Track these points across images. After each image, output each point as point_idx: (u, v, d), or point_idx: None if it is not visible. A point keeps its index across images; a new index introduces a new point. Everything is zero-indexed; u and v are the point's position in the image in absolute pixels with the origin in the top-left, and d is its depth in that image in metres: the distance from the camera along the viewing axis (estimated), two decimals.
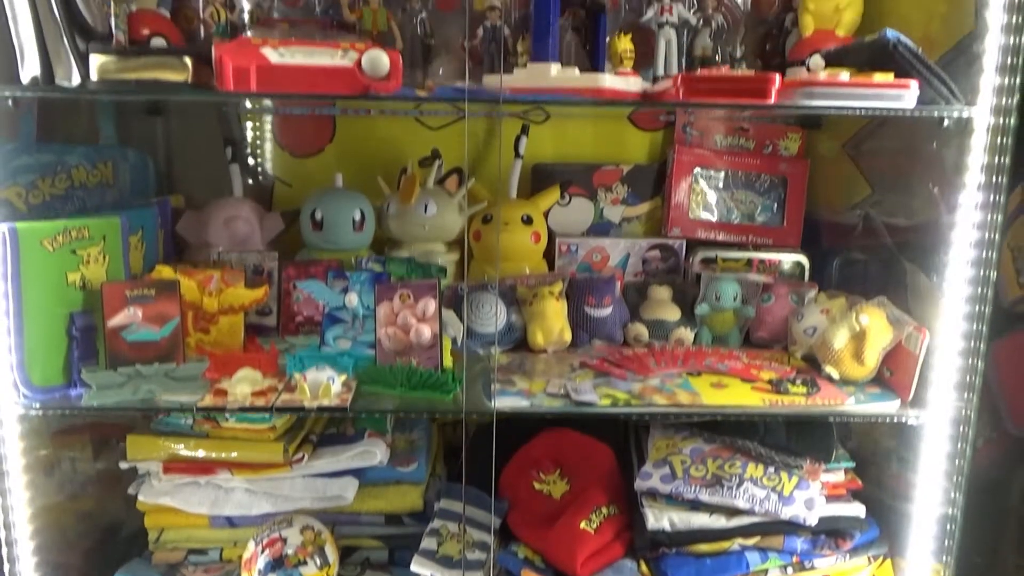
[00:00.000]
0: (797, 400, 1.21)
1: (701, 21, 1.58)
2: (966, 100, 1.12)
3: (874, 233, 1.51)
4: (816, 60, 1.17)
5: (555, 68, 1.33)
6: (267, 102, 1.65)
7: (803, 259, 1.61)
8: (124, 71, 1.13)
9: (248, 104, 1.65)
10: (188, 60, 1.14)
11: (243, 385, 1.18)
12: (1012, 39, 1.09)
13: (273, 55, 1.15)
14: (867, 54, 1.19)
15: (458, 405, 1.19)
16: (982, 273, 1.13)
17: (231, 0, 1.47)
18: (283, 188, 1.70)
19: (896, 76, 1.12)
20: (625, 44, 1.39)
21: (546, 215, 1.63)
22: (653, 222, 1.70)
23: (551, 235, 1.63)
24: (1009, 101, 1.10)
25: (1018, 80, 1.09)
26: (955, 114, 1.12)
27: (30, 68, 1.12)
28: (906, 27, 1.22)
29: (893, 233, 1.46)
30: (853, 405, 1.21)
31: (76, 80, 1.12)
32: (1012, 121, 1.10)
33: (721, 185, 1.68)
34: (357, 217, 1.52)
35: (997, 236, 1.11)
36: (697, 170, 1.66)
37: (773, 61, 1.61)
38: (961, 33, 1.22)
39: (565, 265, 1.64)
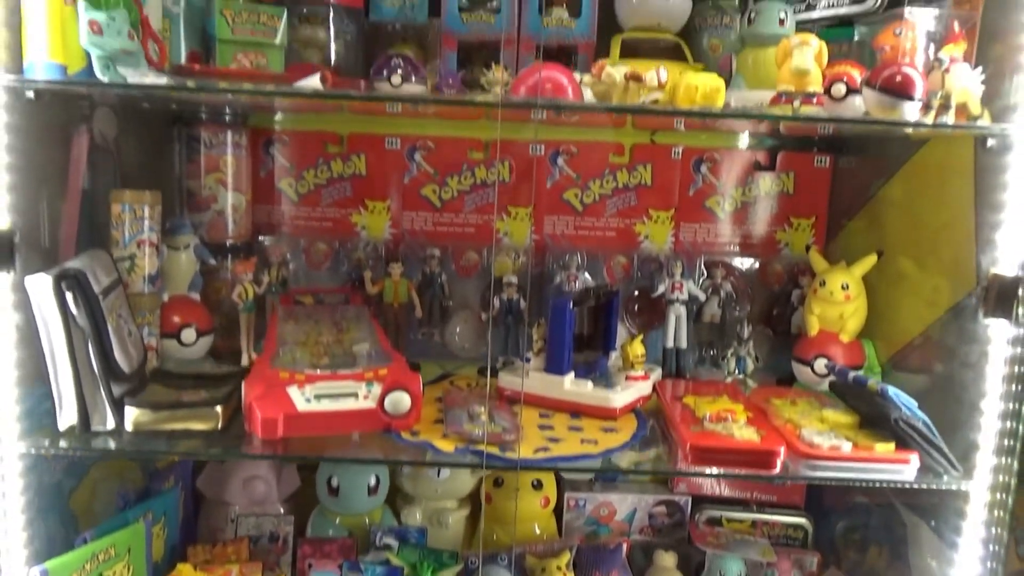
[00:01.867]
0: None
1: (711, 289, 1.64)
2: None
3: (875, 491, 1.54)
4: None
5: (568, 380, 1.38)
6: None
7: (806, 523, 1.65)
8: (158, 423, 1.18)
9: None
10: (219, 409, 1.19)
11: None
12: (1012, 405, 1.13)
13: (299, 399, 1.20)
14: (867, 406, 1.24)
15: None
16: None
17: (258, 276, 1.53)
18: None
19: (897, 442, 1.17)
20: (637, 349, 1.44)
21: None
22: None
23: (560, 488, 1.67)
24: (1006, 479, 1.14)
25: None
26: (953, 486, 1.16)
27: (67, 417, 1.17)
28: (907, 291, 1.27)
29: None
30: None
31: (111, 425, 1.17)
32: (1010, 498, 1.14)
33: None
34: (372, 483, 1.56)
35: None
36: None
37: (779, 328, 1.67)
38: (963, 292, 1.26)
39: (572, 520, 1.67)
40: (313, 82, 1.14)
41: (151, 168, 1.55)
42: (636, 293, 1.68)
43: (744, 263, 1.69)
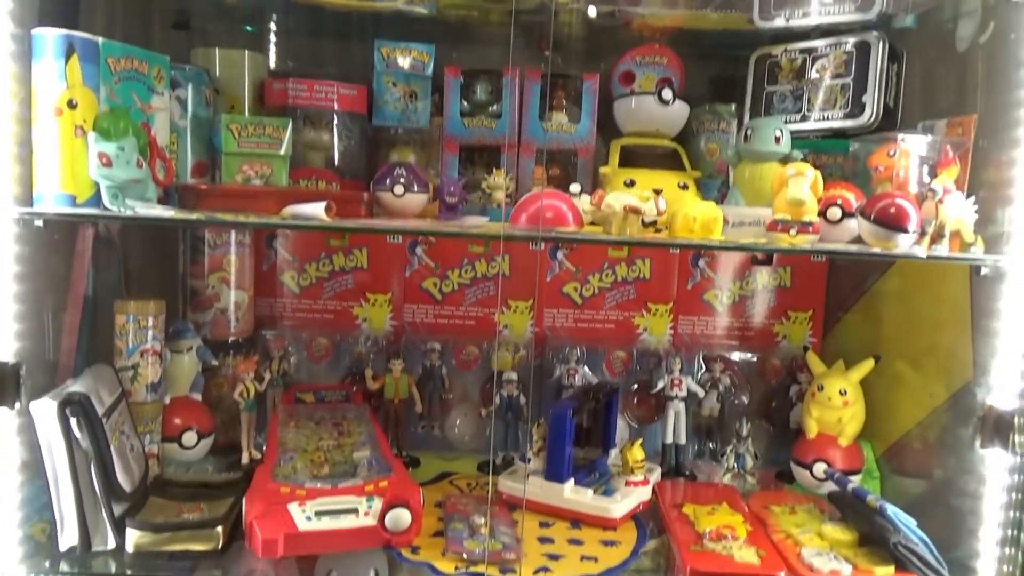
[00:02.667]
0: None
1: (709, 383, 1.65)
2: None
3: None
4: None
5: (569, 488, 1.39)
6: None
7: None
8: (158, 544, 1.18)
9: None
10: (219, 529, 1.19)
11: None
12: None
13: (300, 517, 1.20)
14: (866, 524, 1.25)
15: None
16: None
17: (260, 373, 1.54)
18: None
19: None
20: (637, 454, 1.45)
21: None
22: None
23: None
24: None
25: None
26: None
27: (68, 538, 1.17)
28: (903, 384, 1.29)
29: None
30: None
31: (112, 546, 1.18)
32: None
33: None
34: None
35: None
36: None
37: (778, 421, 1.67)
38: (959, 384, 1.27)
39: None
40: (318, 210, 1.16)
41: (155, 263, 1.57)
42: (635, 387, 1.69)
43: (742, 356, 1.70)
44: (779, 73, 1.47)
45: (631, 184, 1.38)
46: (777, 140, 1.31)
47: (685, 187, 1.39)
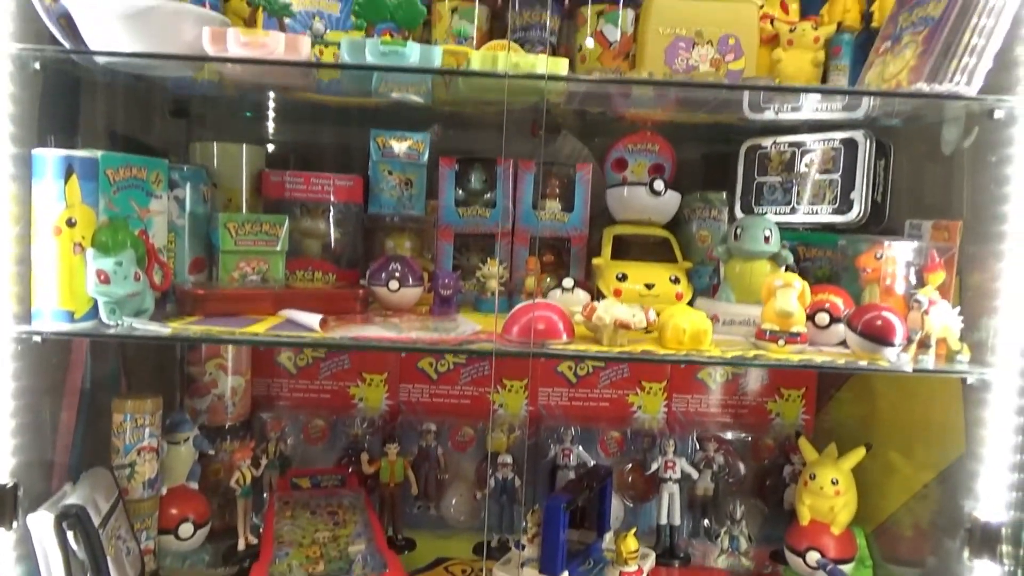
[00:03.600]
0: None
1: (703, 463, 1.66)
2: None
3: None
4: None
5: None
6: None
7: None
8: None
9: None
10: None
11: None
12: None
13: None
14: None
15: None
16: None
17: (256, 459, 1.54)
18: None
19: None
20: (631, 545, 1.45)
21: None
22: None
23: None
24: None
25: None
26: None
27: None
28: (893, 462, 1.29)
29: None
30: None
31: None
32: None
33: None
34: None
35: None
36: None
37: (772, 500, 1.68)
38: (954, 456, 1.28)
39: None
40: (313, 322, 1.18)
41: (153, 351, 1.59)
42: (630, 466, 1.70)
43: (736, 435, 1.71)
44: (769, 164, 1.49)
45: (623, 279, 1.40)
46: (766, 239, 1.33)
47: (676, 280, 1.41)
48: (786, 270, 1.35)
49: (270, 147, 1.70)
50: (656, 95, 1.30)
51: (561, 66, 1.16)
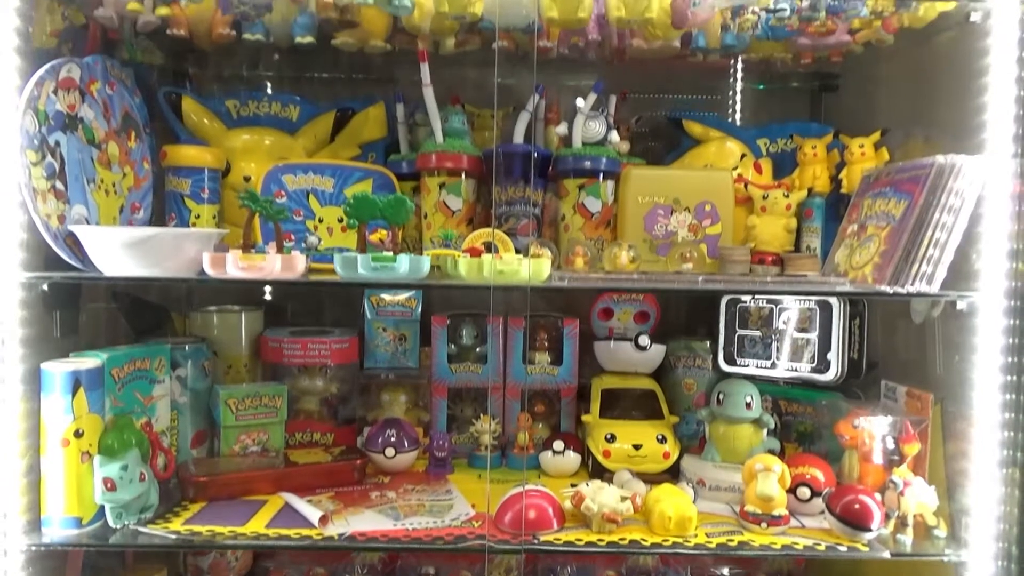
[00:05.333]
0: None
1: None
2: None
3: None
4: None
5: None
6: None
7: None
8: None
9: None
10: None
11: None
12: None
13: None
14: None
15: None
16: None
17: None
18: None
19: None
20: None
21: None
22: None
23: None
24: None
25: None
26: None
27: None
28: None
29: None
30: None
31: None
32: None
33: None
34: None
35: None
36: None
37: None
38: None
39: None
40: (312, 516, 1.22)
41: None
42: None
43: (732, 571, 1.73)
44: (749, 319, 1.54)
45: (611, 439, 1.44)
46: (748, 405, 1.38)
47: (663, 440, 1.45)
48: (768, 434, 1.40)
49: (268, 297, 1.76)
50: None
51: (544, 268, 1.22)
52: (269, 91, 1.71)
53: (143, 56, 1.56)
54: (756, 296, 1.54)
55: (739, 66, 1.72)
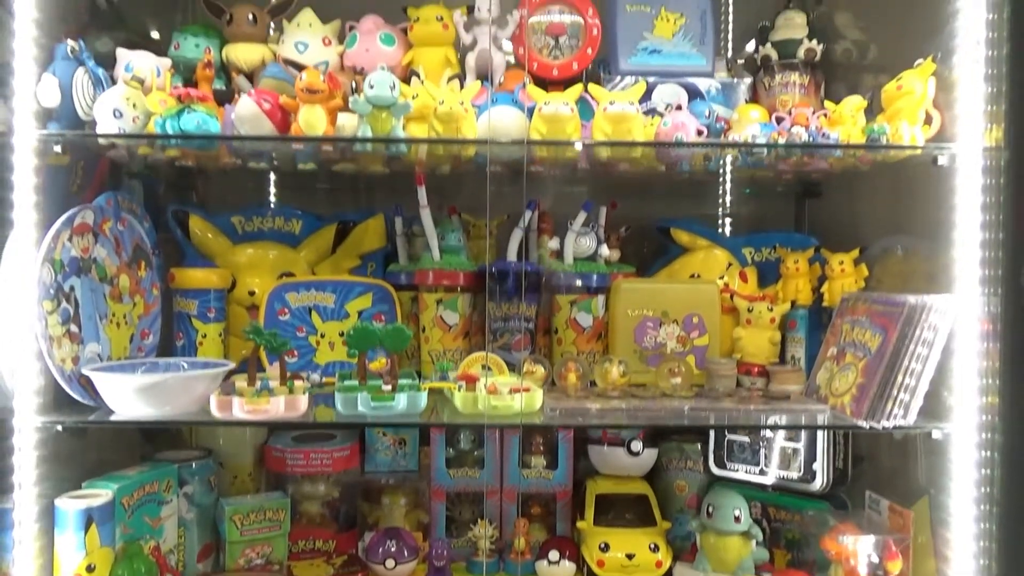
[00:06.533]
0: None
1: None
2: None
3: None
4: None
5: None
6: None
7: None
8: None
9: None
10: None
11: None
12: None
13: None
14: None
15: None
16: None
17: None
18: None
19: None
20: None
21: None
22: None
23: None
24: None
25: None
26: None
27: None
28: None
29: None
30: None
31: None
32: None
33: None
34: None
35: None
36: None
37: None
38: None
39: None
40: None
41: None
42: None
43: None
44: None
45: (605, 549, 1.48)
46: (736, 519, 1.42)
47: (656, 548, 1.49)
48: (757, 544, 1.44)
49: None
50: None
51: (536, 400, 1.27)
52: (272, 206, 1.78)
53: (152, 172, 1.64)
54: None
55: (726, 177, 1.79)
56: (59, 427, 1.22)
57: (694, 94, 1.55)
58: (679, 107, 1.36)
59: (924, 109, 1.28)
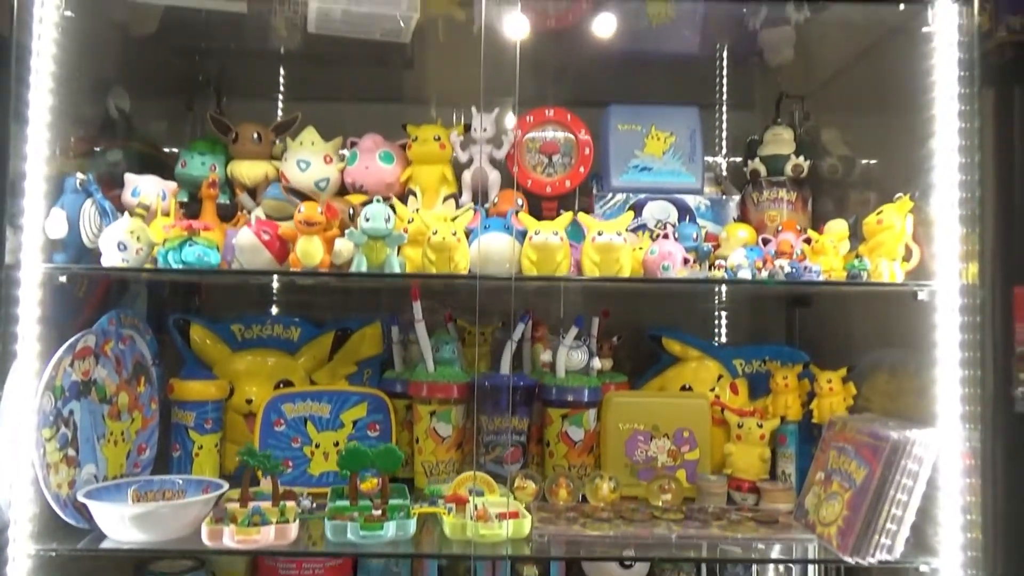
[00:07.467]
0: None
1: None
2: None
3: None
4: None
5: None
6: None
7: None
8: None
9: None
10: None
11: None
12: None
13: None
14: None
15: None
16: None
17: None
18: None
19: None
20: None
21: None
22: None
23: None
24: None
25: None
26: None
27: None
28: None
29: None
30: None
31: None
32: None
33: None
34: None
35: None
36: None
37: None
38: None
39: None
40: None
41: None
42: None
43: None
44: None
45: None
46: None
47: None
48: None
49: None
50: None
51: (524, 527, 1.28)
52: (272, 313, 1.82)
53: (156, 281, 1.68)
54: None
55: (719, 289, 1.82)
56: (52, 553, 1.24)
57: (684, 211, 1.61)
58: (666, 235, 1.40)
59: (903, 243, 1.31)
